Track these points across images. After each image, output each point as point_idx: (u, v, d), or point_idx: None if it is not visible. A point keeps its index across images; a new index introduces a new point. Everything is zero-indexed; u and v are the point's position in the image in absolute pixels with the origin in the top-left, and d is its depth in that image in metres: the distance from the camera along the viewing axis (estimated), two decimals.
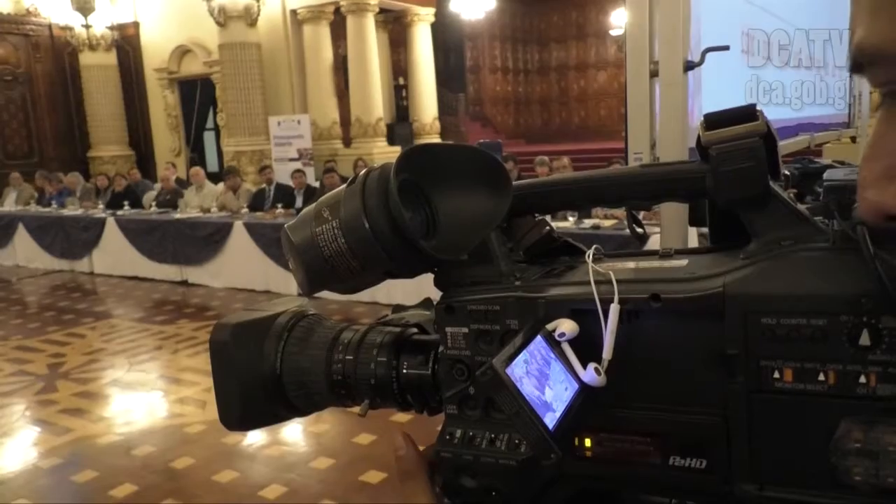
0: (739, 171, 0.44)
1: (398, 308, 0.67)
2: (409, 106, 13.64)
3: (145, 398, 4.37)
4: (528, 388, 0.41)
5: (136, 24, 13.62)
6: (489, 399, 0.49)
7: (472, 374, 0.51)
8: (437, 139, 13.48)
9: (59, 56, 13.57)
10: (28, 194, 10.10)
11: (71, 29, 13.22)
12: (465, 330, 0.51)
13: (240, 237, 7.11)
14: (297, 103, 12.22)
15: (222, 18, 11.27)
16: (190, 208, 7.99)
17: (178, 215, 7.81)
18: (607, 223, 5.27)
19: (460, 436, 0.50)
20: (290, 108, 12.17)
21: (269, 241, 6.90)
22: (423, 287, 0.66)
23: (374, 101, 11.85)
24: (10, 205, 9.97)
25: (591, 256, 0.50)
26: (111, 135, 13.95)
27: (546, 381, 0.43)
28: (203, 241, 7.37)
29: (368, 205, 0.48)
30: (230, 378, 0.59)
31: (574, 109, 16.89)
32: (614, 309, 0.45)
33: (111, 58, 13.67)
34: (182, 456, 3.43)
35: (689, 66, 1.40)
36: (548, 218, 0.57)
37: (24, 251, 9.03)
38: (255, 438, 3.67)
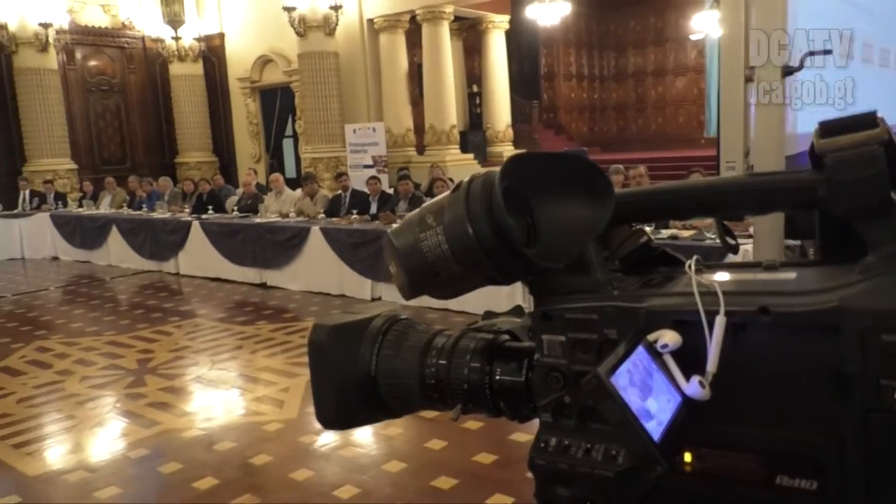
0: (858, 181, 0.43)
1: (489, 315, 0.68)
2: (482, 113, 13.66)
3: (226, 395, 4.53)
4: (632, 398, 0.41)
5: (221, 36, 14.19)
6: (585, 408, 0.49)
7: (568, 383, 0.51)
8: (509, 147, 13.46)
9: (150, 67, 14.28)
10: (121, 198, 10.65)
11: (162, 41, 13.90)
12: (562, 338, 0.51)
13: (316, 242, 7.28)
14: (373, 111, 12.44)
15: (302, 28, 11.60)
16: (269, 213, 8.25)
17: (258, 220, 8.07)
18: (686, 234, 5.13)
19: (555, 444, 0.51)
20: (365, 116, 12.40)
21: (345, 246, 7.05)
22: (491, 296, 0.67)
23: (448, 109, 11.94)
24: (104, 208, 10.55)
25: (692, 267, 0.49)
26: (197, 141, 14.57)
27: (649, 392, 0.43)
28: (281, 245, 7.58)
29: (472, 211, 0.49)
30: (327, 378, 0.61)
31: (651, 116, 16.53)
32: (720, 321, 0.44)
33: (198, 68, 14.29)
34: (260, 453, 3.53)
35: (788, 71, 1.35)
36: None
37: (117, 252, 9.52)
38: (329, 439, 3.75)
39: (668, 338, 0.45)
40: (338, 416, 0.62)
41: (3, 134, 12.36)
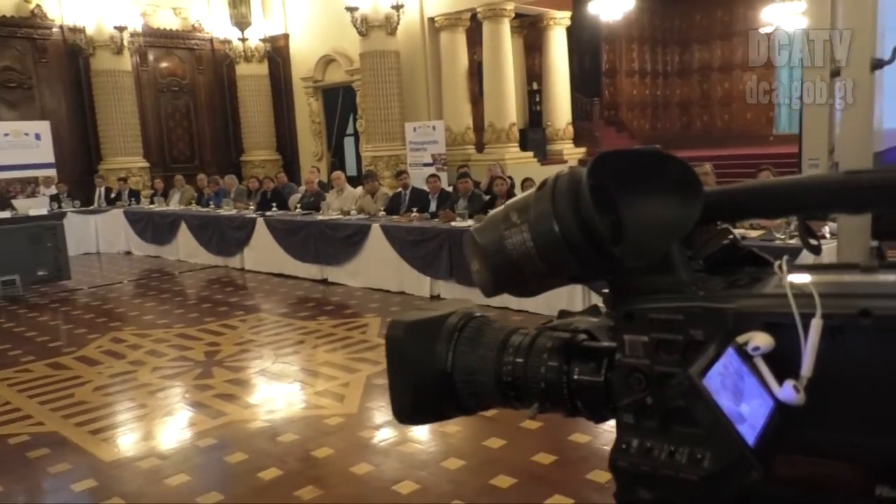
0: None
1: (564, 313, 0.67)
2: (542, 111, 13.55)
3: (288, 389, 4.63)
4: (724, 401, 0.40)
5: (286, 36, 14.49)
6: (669, 410, 0.48)
7: (651, 384, 0.50)
8: (569, 145, 13.31)
9: (218, 68, 14.71)
10: (189, 195, 11.01)
11: (229, 42, 14.30)
12: (645, 338, 0.50)
13: (377, 239, 7.37)
14: (433, 109, 12.49)
15: (364, 28, 11.74)
16: (331, 210, 8.38)
17: (320, 217, 8.22)
18: (754, 234, 4.98)
19: (637, 446, 0.50)
20: (425, 114, 12.47)
21: (404, 243, 7.11)
22: (554, 294, 0.66)
23: (508, 107, 11.89)
24: (174, 204, 10.93)
25: (783, 267, 0.47)
26: (261, 140, 14.93)
27: (741, 395, 0.42)
28: (342, 242, 7.70)
29: (559, 208, 0.48)
30: (403, 373, 0.62)
31: (717, 113, 16.08)
32: (816, 324, 0.43)
33: (263, 68, 14.64)
34: (322, 446, 3.60)
35: (877, 64, 1.28)
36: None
37: (186, 247, 9.86)
38: (388, 435, 3.79)
39: (760, 340, 0.43)
40: (413, 411, 0.62)
41: (80, 133, 12.95)
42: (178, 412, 4.26)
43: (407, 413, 0.63)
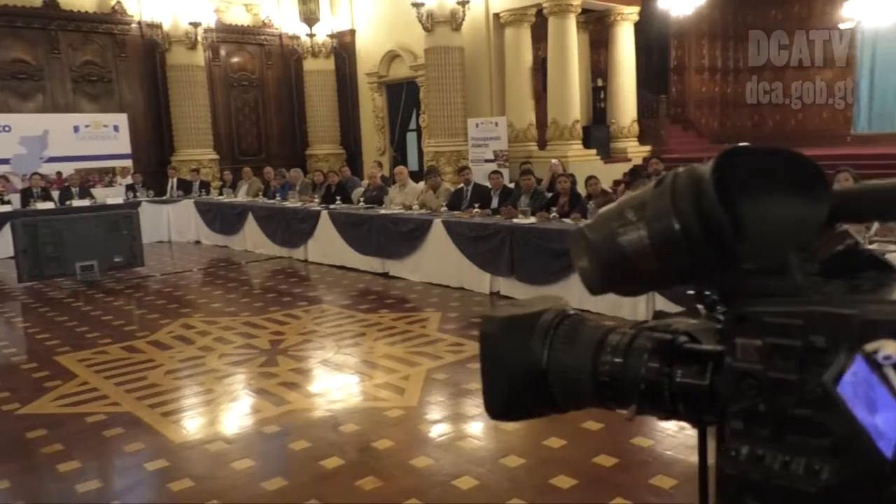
0: None
1: (660, 314, 0.66)
2: (606, 108, 13.34)
3: (350, 380, 4.70)
4: (859, 410, 0.39)
5: (352, 32, 14.69)
6: (784, 417, 0.47)
7: (764, 390, 0.48)
8: (634, 143, 13.07)
9: (286, 63, 15.03)
10: (256, 187, 11.29)
11: (298, 38, 14.60)
12: (759, 343, 0.49)
13: (438, 234, 7.40)
14: (496, 105, 12.46)
15: (429, 24, 11.79)
16: (393, 205, 8.46)
17: (382, 211, 8.31)
18: None
19: (747, 454, 0.48)
20: (488, 111, 12.45)
21: (465, 239, 7.11)
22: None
23: (572, 103, 11.75)
24: (242, 196, 11.23)
25: None
26: (326, 134, 15.20)
27: (874, 405, 0.40)
28: (404, 236, 7.77)
29: (679, 205, 0.47)
30: (497, 369, 0.62)
31: (790, 112, 15.48)
32: None
33: (329, 63, 14.89)
34: (382, 438, 3.64)
35: None
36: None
37: (252, 238, 10.12)
38: (448, 430, 3.80)
39: (892, 349, 0.41)
40: (506, 407, 0.62)
41: (155, 126, 13.44)
42: (243, 398, 4.38)
43: (499, 409, 0.63)
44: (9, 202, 10.51)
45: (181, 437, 3.79)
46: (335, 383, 4.64)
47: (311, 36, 14.46)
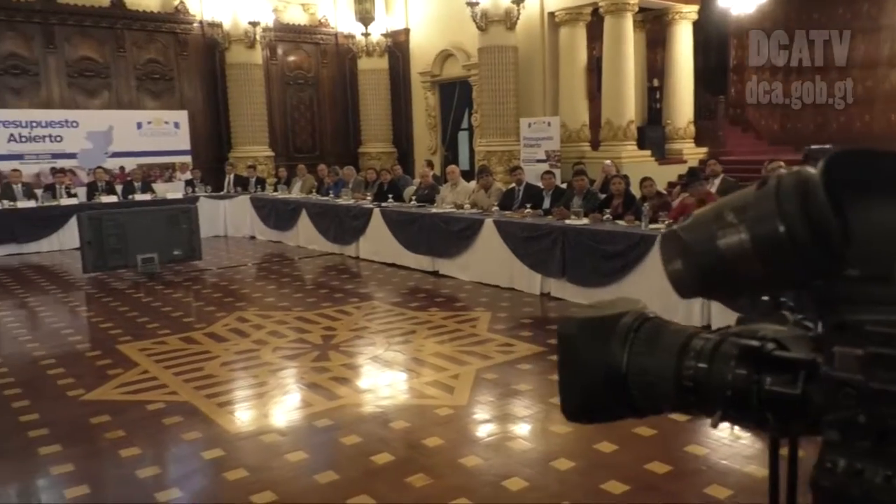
0: None
1: (743, 320, 0.65)
2: (662, 108, 13.09)
3: (400, 377, 4.74)
4: None
5: (406, 31, 14.78)
6: (886, 430, 0.45)
7: (864, 401, 0.47)
8: (690, 144, 12.80)
9: (341, 62, 15.23)
10: (310, 184, 11.48)
11: (353, 37, 14.77)
12: (859, 352, 0.47)
13: (489, 234, 7.40)
14: (548, 105, 12.37)
15: (483, 23, 11.77)
16: (445, 204, 8.49)
17: (434, 209, 8.35)
18: None
19: (844, 467, 0.47)
20: (541, 110, 12.36)
21: (517, 239, 7.09)
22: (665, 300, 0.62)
23: (626, 104, 11.58)
24: (296, 193, 11.43)
25: None
26: (378, 132, 15.34)
27: None
28: (455, 235, 7.79)
29: (784, 208, 0.47)
30: (575, 371, 0.62)
31: (855, 113, 14.92)
32: None
33: (383, 62, 15.02)
34: (432, 435, 3.66)
35: None
36: None
37: (305, 234, 10.29)
38: (498, 430, 3.80)
39: None
40: (583, 409, 0.62)
41: (214, 122, 13.79)
42: (296, 392, 4.46)
43: (577, 411, 0.63)
44: (75, 195, 10.94)
45: (236, 428, 3.88)
46: (385, 380, 4.68)
47: (366, 35, 14.61)
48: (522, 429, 3.82)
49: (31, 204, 10.44)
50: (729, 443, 3.46)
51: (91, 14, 12.28)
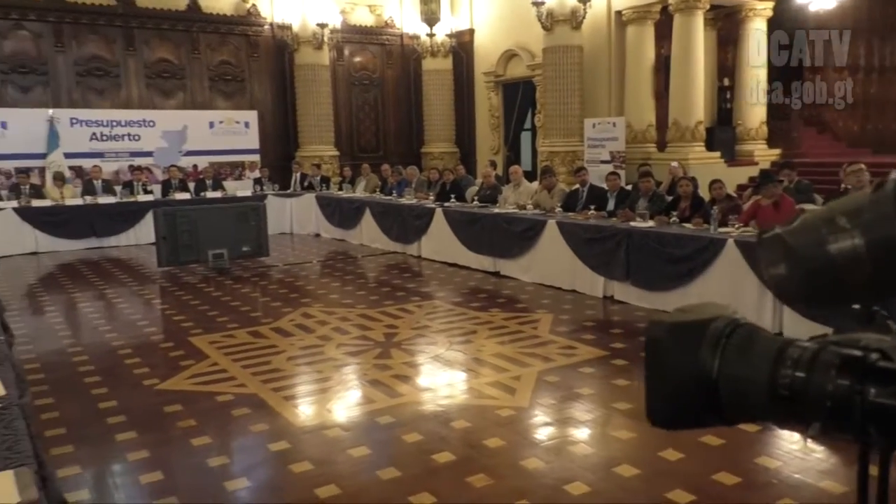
0: None
1: (840, 329, 0.63)
2: (733, 109, 12.70)
3: (461, 376, 4.75)
4: None
5: (471, 32, 14.81)
6: None
7: None
8: (762, 146, 12.39)
9: (406, 62, 15.37)
10: (374, 183, 11.63)
11: (418, 38, 14.89)
12: None
13: (552, 235, 7.34)
14: (614, 105, 12.18)
15: (549, 23, 11.69)
16: (507, 204, 8.47)
17: (496, 210, 8.34)
18: None
19: None
20: (605, 111, 12.19)
21: (580, 241, 7.01)
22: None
23: (695, 104, 11.28)
24: (360, 192, 11.61)
25: None
26: (441, 133, 15.41)
27: None
28: (517, 236, 7.76)
29: None
30: (663, 376, 0.61)
31: None
32: None
33: (447, 63, 15.08)
34: (493, 436, 3.66)
35: None
36: None
37: (368, 232, 10.44)
38: (559, 433, 3.77)
39: None
40: (672, 415, 0.61)
41: (282, 122, 14.13)
42: (359, 388, 4.53)
43: (664, 417, 0.62)
44: (151, 192, 11.40)
45: (301, 421, 3.97)
46: (446, 379, 4.71)
47: (431, 36, 14.70)
48: (584, 433, 3.78)
49: (111, 200, 10.93)
50: (802, 456, 3.34)
51: (168, 17, 12.76)
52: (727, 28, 12.74)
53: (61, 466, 3.32)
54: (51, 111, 11.69)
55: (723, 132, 12.38)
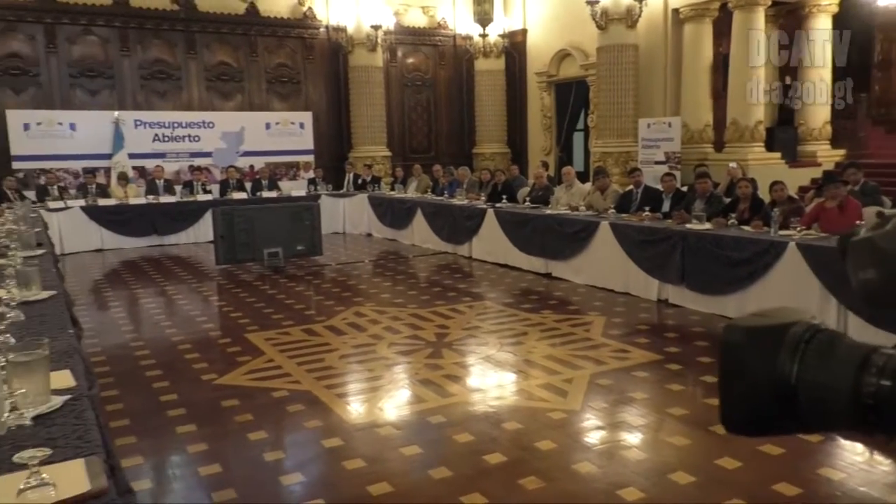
0: None
1: None
2: (794, 108, 12.31)
3: (512, 378, 4.74)
4: None
5: (524, 32, 14.75)
6: None
7: None
8: (825, 146, 11.98)
9: (458, 63, 15.41)
10: (425, 184, 11.70)
11: (470, 38, 14.91)
12: None
13: (605, 237, 7.25)
14: (669, 105, 11.96)
15: (603, 21, 11.55)
16: (559, 205, 8.40)
17: (548, 211, 8.28)
18: None
19: None
20: (661, 111, 11.97)
21: (633, 243, 6.91)
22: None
23: (755, 103, 10.97)
24: (411, 192, 11.69)
25: None
26: (493, 133, 15.40)
27: None
28: (569, 237, 7.69)
29: None
30: (740, 381, 0.60)
31: None
32: None
33: (500, 63, 15.06)
34: (545, 439, 3.64)
35: None
36: None
37: (420, 233, 10.50)
38: (613, 437, 3.72)
39: None
40: (747, 422, 0.60)
41: (335, 123, 14.34)
42: (410, 387, 4.56)
43: (740, 423, 0.61)
44: (210, 192, 11.72)
45: (354, 419, 4.02)
46: (497, 380, 4.70)
47: (484, 36, 14.70)
48: (637, 438, 3.73)
49: (171, 199, 11.28)
50: (867, 468, 3.22)
51: (228, 21, 13.10)
52: (790, 24, 12.35)
53: (124, 457, 3.43)
54: (116, 113, 12.13)
55: (784, 132, 12.02)
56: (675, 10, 11.54)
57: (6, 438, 1.87)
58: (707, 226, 6.47)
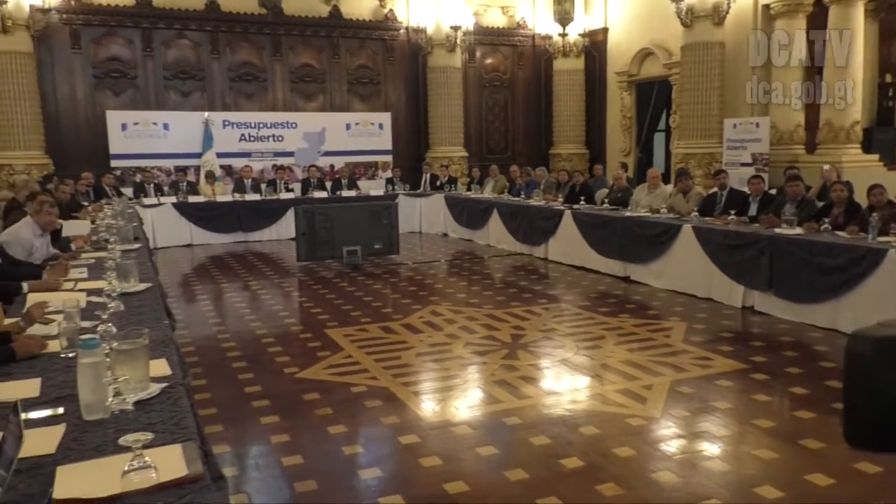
0: None
1: None
2: (895, 107, 11.61)
3: (590, 382, 4.67)
4: None
5: (604, 31, 14.49)
6: None
7: None
8: None
9: (537, 63, 15.29)
10: (502, 184, 11.68)
11: (550, 38, 14.77)
12: None
13: (687, 241, 7.05)
14: (758, 105, 11.48)
15: (689, 19, 11.23)
16: (640, 207, 8.22)
17: (628, 213, 8.12)
18: None
19: None
20: (747, 111, 11.51)
21: (718, 247, 6.70)
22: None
23: (852, 102, 10.41)
24: (487, 192, 11.69)
25: None
26: (571, 134, 15.21)
27: None
28: (649, 240, 7.51)
29: None
30: (867, 393, 0.57)
31: None
32: None
33: (580, 63, 14.86)
34: (623, 445, 3.57)
35: None
36: None
37: (495, 233, 10.49)
38: (694, 447, 3.62)
39: None
40: (874, 436, 0.57)
41: (413, 124, 14.49)
42: (485, 387, 4.56)
43: (866, 437, 0.58)
44: (292, 190, 12.07)
45: (430, 417, 4.06)
46: (574, 384, 4.65)
47: (564, 36, 14.54)
48: (720, 449, 3.60)
49: (256, 197, 11.68)
50: None
51: (312, 24, 13.44)
52: (891, 19, 11.66)
53: (212, 444, 3.59)
54: (206, 114, 12.65)
55: (883, 133, 11.35)
56: (766, 6, 11.09)
57: (109, 421, 1.99)
58: (798, 230, 6.20)
